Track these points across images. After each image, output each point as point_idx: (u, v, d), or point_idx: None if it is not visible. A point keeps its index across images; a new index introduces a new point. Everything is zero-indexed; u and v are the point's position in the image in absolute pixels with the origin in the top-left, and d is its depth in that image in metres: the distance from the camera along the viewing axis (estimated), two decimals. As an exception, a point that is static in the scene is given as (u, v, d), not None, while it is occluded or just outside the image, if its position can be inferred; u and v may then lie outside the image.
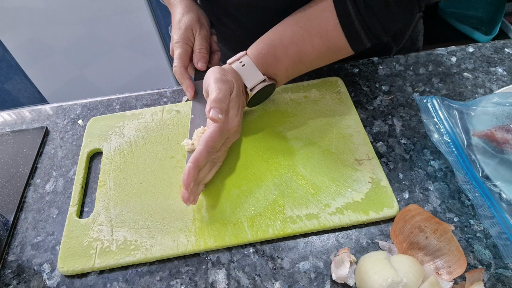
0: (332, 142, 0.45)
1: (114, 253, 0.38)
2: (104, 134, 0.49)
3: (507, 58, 0.54)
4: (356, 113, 0.48)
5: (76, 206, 0.42)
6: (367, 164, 0.42)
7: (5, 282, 0.38)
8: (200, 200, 0.41)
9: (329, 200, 0.40)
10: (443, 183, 0.41)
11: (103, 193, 0.43)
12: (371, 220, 0.38)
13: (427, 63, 0.54)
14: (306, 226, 0.38)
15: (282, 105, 0.50)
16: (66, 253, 0.38)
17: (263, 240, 0.38)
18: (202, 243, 0.38)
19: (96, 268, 0.37)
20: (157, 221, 0.40)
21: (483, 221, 0.36)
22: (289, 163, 0.43)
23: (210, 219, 0.40)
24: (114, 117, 0.51)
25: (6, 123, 0.55)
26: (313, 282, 0.35)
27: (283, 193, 0.41)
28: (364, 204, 0.39)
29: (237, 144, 0.46)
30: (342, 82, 0.51)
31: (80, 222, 0.41)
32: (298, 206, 0.39)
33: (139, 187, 0.43)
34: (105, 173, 0.45)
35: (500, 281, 0.34)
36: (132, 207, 0.41)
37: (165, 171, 0.44)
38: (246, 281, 0.36)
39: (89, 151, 0.47)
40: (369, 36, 0.41)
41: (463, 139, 0.40)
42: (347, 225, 0.38)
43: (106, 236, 0.39)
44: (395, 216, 0.38)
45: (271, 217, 0.39)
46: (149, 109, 0.51)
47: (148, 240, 0.39)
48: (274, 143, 0.46)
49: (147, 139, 0.48)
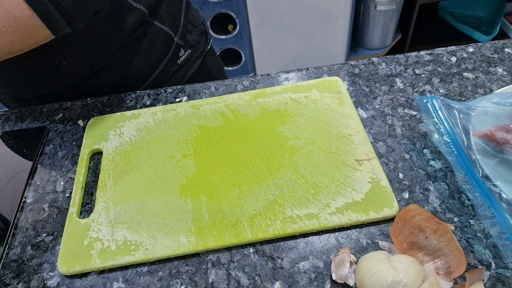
0: (332, 142, 0.45)
1: (114, 253, 0.38)
2: (104, 134, 0.49)
3: (507, 58, 0.54)
4: (356, 113, 0.48)
5: (76, 206, 0.42)
6: (367, 164, 0.42)
7: (5, 282, 0.38)
8: (200, 200, 0.41)
9: (329, 200, 0.40)
10: (443, 183, 0.41)
11: (103, 193, 0.43)
12: (371, 220, 0.38)
13: (427, 63, 0.54)
14: (306, 226, 0.38)
15: (282, 105, 0.50)
16: (66, 253, 0.38)
17: (263, 240, 0.38)
18: (202, 243, 0.38)
19: (96, 268, 0.37)
20: (157, 221, 0.40)
21: (483, 221, 0.36)
22: (289, 163, 0.43)
23: (210, 219, 0.40)
24: (114, 117, 0.51)
25: (6, 123, 0.55)
26: (313, 282, 0.35)
27: (283, 193, 0.41)
28: (364, 204, 0.39)
29: (237, 144, 0.46)
30: (342, 82, 0.51)
31: (80, 222, 0.41)
32: (298, 206, 0.39)
33: (139, 187, 0.43)
34: (105, 173, 0.45)
35: (500, 281, 0.34)
36: (132, 207, 0.42)
37: (165, 171, 0.44)
38: (246, 281, 0.36)
39: (89, 151, 0.47)
40: (65, 18, 0.41)
41: (463, 139, 0.40)
42: (347, 225, 0.38)
43: (106, 236, 0.39)
44: (395, 216, 0.38)
45: (271, 217, 0.39)
46: (149, 109, 0.51)
47: (148, 240, 0.39)
48: (274, 143, 0.46)
49: (147, 139, 0.48)
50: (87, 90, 0.57)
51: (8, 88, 0.56)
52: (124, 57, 0.56)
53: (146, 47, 0.57)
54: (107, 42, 0.53)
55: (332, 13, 1.55)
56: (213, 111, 0.50)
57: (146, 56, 0.57)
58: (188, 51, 0.63)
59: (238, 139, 0.46)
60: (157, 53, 0.58)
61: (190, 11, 0.63)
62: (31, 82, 0.54)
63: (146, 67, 0.58)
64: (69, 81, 0.55)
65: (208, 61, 0.70)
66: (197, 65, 0.66)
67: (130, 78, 0.58)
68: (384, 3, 1.58)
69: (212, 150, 0.46)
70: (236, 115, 0.49)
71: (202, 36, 0.67)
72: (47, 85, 0.55)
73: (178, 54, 0.62)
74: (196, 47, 0.65)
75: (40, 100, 0.57)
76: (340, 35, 1.64)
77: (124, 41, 0.54)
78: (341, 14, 1.55)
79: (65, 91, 0.56)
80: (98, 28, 0.50)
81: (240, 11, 1.51)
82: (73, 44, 0.50)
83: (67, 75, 0.54)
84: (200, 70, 0.68)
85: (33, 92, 0.57)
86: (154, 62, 0.59)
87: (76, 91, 0.57)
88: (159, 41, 0.57)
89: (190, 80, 0.66)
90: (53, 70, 0.52)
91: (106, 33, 0.52)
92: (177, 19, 0.60)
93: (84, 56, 0.52)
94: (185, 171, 0.44)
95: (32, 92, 0.57)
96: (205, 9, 1.48)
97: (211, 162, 0.45)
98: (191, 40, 0.63)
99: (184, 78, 0.65)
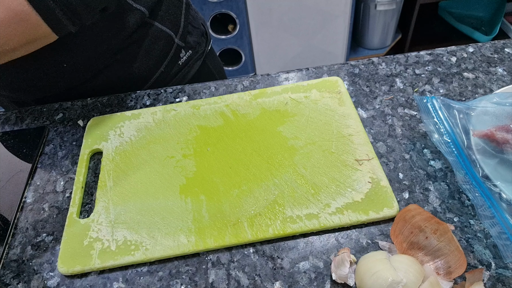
0: (332, 142, 0.45)
1: (114, 253, 0.38)
2: (104, 134, 0.49)
3: (507, 58, 0.54)
4: (356, 113, 0.48)
5: (76, 206, 0.42)
6: (367, 164, 0.42)
7: (5, 282, 0.38)
8: (200, 200, 0.41)
9: (329, 200, 0.40)
10: (443, 183, 0.41)
11: (103, 193, 0.43)
12: (371, 220, 0.38)
13: (427, 63, 0.54)
14: (306, 226, 0.38)
15: (282, 105, 0.50)
16: (66, 253, 0.38)
17: (263, 240, 0.38)
18: (201, 243, 0.38)
19: (96, 268, 0.37)
20: (157, 221, 0.40)
21: (483, 221, 0.36)
22: (289, 163, 0.43)
23: (210, 219, 0.40)
24: (114, 117, 0.51)
25: (6, 123, 0.55)
26: (313, 282, 0.35)
27: (283, 193, 0.41)
28: (364, 204, 0.39)
29: (237, 144, 0.46)
30: (342, 82, 0.51)
31: (80, 222, 0.41)
32: (298, 206, 0.39)
33: (139, 187, 0.43)
34: (105, 173, 0.45)
35: (500, 281, 0.34)
36: (132, 207, 0.42)
37: (165, 171, 0.44)
38: (246, 281, 0.36)
39: (89, 151, 0.47)
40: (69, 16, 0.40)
41: (463, 139, 0.40)
42: (347, 225, 0.38)
43: (106, 236, 0.39)
44: (395, 216, 0.38)
45: (271, 217, 0.39)
46: (149, 109, 0.51)
47: (148, 240, 0.39)
48: (274, 143, 0.46)
49: (147, 139, 0.48)
50: (88, 93, 0.57)
51: (8, 91, 0.56)
52: (125, 59, 0.56)
53: (147, 48, 0.57)
54: (108, 43, 0.53)
55: (332, 13, 1.55)
56: (213, 111, 0.50)
57: (147, 57, 0.57)
58: (189, 52, 0.63)
59: (238, 139, 0.46)
60: (158, 54, 0.58)
61: (190, 12, 0.64)
62: (32, 84, 0.54)
63: (147, 69, 0.58)
64: (70, 83, 0.55)
65: (208, 62, 0.70)
66: (197, 66, 0.66)
67: (131, 80, 0.58)
68: (384, 3, 1.58)
69: (212, 150, 0.46)
70: (236, 115, 0.49)
71: (202, 37, 0.67)
72: (47, 87, 0.55)
73: (179, 55, 0.62)
74: (197, 48, 0.65)
75: (40, 102, 0.58)
76: (340, 35, 1.64)
77: (125, 42, 0.54)
78: (341, 14, 1.55)
79: (66, 93, 0.56)
80: (100, 28, 0.50)
81: (240, 11, 1.51)
82: (74, 45, 0.50)
83: (68, 77, 0.54)
84: (200, 71, 0.68)
85: (33, 95, 0.57)
86: (155, 64, 0.59)
87: (77, 93, 0.57)
88: (160, 42, 0.58)
89: (191, 81, 0.66)
90: (54, 72, 0.52)
91: (107, 34, 0.52)
92: (177, 20, 0.60)
93: (86, 57, 0.52)
94: (185, 171, 0.44)
95: (33, 95, 0.57)
96: (205, 9, 1.48)
97: (211, 162, 0.45)
98: (192, 41, 0.64)
99: (185, 79, 0.65)
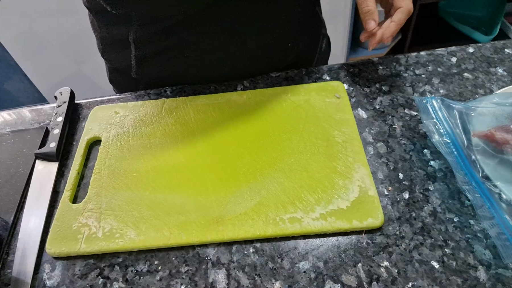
0: (325, 148, 0.45)
1: (99, 239, 0.39)
2: (105, 123, 0.50)
3: (507, 58, 0.54)
4: (354, 120, 0.47)
5: (70, 191, 0.43)
6: (357, 172, 0.42)
7: (5, 282, 0.38)
8: (187, 195, 0.42)
9: (313, 205, 0.40)
10: (443, 183, 0.41)
11: (96, 181, 0.44)
12: (353, 229, 0.38)
13: (427, 63, 0.54)
14: (287, 229, 0.38)
15: (280, 108, 0.50)
16: (55, 235, 0.39)
17: (243, 240, 0.39)
18: (184, 237, 0.38)
19: (82, 252, 0.38)
20: (143, 213, 0.41)
21: (482, 221, 0.36)
22: (280, 166, 0.43)
23: (195, 214, 0.40)
24: (116, 107, 0.52)
25: (6, 123, 0.54)
26: (313, 282, 0.36)
27: (270, 194, 0.41)
28: (349, 213, 0.39)
29: (230, 143, 0.46)
30: (343, 87, 0.51)
31: (72, 207, 0.42)
32: (283, 209, 0.40)
33: (131, 177, 0.44)
34: (101, 161, 0.46)
35: (500, 281, 0.34)
36: (122, 196, 0.42)
37: (158, 163, 0.45)
38: (246, 281, 0.36)
39: (88, 139, 0.48)
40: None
41: (463, 140, 0.40)
42: (329, 232, 0.38)
43: (94, 223, 0.40)
44: (379, 226, 0.38)
45: (255, 218, 0.39)
46: (150, 102, 0.52)
47: (133, 230, 0.39)
48: (267, 144, 0.46)
49: (145, 131, 0.49)
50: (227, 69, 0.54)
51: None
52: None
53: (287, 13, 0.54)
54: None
55: (332, 13, 1.55)
56: (211, 109, 0.50)
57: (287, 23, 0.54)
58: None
59: (232, 139, 0.47)
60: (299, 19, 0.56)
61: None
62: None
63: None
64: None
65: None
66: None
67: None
68: (384, 3, 1.58)
69: (206, 148, 0.46)
70: (234, 114, 0.49)
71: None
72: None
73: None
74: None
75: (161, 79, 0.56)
76: (340, 35, 1.64)
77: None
78: (341, 14, 1.55)
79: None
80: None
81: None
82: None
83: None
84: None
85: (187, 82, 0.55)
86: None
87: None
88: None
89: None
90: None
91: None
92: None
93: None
94: (177, 167, 0.45)
95: (187, 81, 0.55)
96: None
97: (203, 160, 0.45)
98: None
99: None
